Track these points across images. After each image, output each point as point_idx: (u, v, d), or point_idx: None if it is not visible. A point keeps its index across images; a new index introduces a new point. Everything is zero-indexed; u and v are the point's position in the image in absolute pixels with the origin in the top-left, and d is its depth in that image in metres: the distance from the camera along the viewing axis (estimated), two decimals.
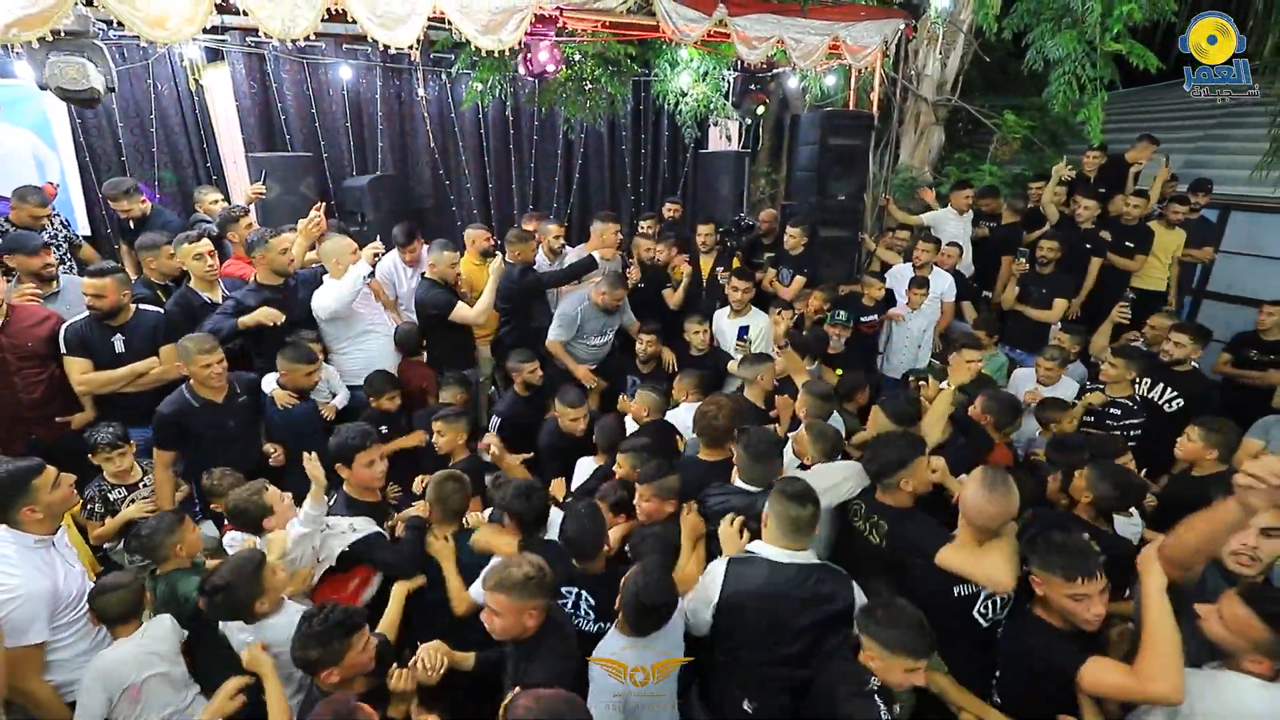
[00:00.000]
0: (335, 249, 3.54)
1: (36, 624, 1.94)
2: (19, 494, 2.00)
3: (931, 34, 5.91)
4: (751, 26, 4.57)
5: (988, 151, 6.47)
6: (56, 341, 3.12)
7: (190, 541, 2.31)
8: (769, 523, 2.06)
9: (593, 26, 4.43)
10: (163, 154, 5.27)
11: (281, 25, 3.40)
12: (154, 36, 3.27)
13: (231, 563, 1.98)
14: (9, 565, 1.96)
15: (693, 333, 4.04)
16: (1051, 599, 1.87)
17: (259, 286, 3.48)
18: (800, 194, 5.55)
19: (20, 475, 2.02)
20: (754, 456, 2.38)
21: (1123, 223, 5.07)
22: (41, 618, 1.95)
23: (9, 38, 2.98)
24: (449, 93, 6.00)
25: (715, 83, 6.14)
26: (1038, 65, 4.90)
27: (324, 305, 3.49)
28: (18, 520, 2.02)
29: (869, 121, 5.41)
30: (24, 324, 3.08)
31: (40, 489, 2.03)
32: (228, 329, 3.25)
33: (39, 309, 3.23)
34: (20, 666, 1.92)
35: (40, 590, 1.96)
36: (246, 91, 5.34)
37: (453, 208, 6.29)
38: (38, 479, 2.03)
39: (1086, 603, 1.80)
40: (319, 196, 5.41)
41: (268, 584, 1.97)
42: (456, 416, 3.12)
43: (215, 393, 2.99)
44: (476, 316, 3.94)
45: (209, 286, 3.46)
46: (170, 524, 2.27)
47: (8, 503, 2.00)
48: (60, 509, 2.13)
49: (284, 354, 3.18)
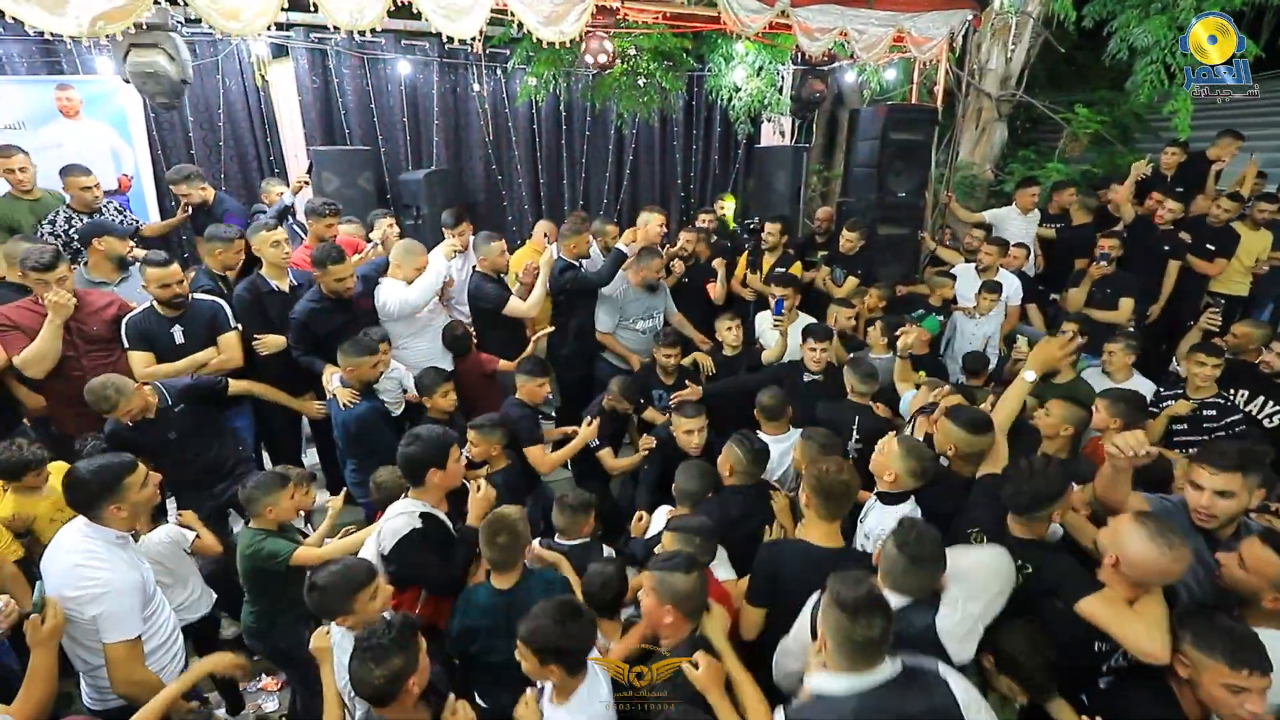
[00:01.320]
0: (405, 254, 3.54)
1: (133, 617, 1.96)
2: (110, 491, 1.97)
3: (997, 25, 5.69)
4: (814, 18, 4.46)
5: (1053, 149, 6.20)
6: (120, 326, 3.18)
7: (284, 508, 2.43)
8: (825, 641, 1.55)
9: (653, 18, 4.37)
10: (229, 148, 5.44)
11: (349, 17, 3.44)
12: (228, 29, 3.33)
13: (341, 568, 1.90)
14: (98, 560, 1.95)
15: (725, 329, 3.93)
16: (1201, 684, 1.61)
17: (322, 299, 3.42)
18: (857, 191, 5.40)
19: (114, 472, 1.99)
20: (914, 559, 1.74)
21: (1209, 224, 4.76)
22: (136, 610, 1.97)
23: (95, 30, 3.08)
24: (503, 88, 6.04)
25: (770, 77, 6.03)
26: (1122, 54, 4.64)
27: (404, 299, 3.47)
28: (103, 516, 1.98)
29: (933, 116, 5.22)
30: (90, 309, 3.13)
31: (130, 487, 2.01)
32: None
33: (103, 294, 3.28)
34: (126, 660, 1.94)
35: (131, 583, 1.97)
36: (309, 87, 5.47)
37: (504, 202, 6.33)
38: (130, 477, 2.01)
39: (1244, 697, 1.55)
40: (376, 189, 5.53)
41: (360, 606, 1.86)
42: (492, 427, 2.95)
43: (144, 413, 2.82)
44: (528, 310, 3.92)
45: (279, 275, 3.50)
46: (269, 484, 2.40)
47: (98, 499, 1.97)
48: (145, 508, 2.10)
49: (345, 350, 3.08)
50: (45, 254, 2.96)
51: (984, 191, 6.36)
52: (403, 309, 3.50)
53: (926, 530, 1.82)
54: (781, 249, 4.76)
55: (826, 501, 2.05)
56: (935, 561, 1.76)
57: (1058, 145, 6.19)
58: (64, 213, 3.91)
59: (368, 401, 3.15)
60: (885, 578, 1.79)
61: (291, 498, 2.49)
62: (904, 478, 2.26)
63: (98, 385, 2.63)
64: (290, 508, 2.47)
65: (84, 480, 1.96)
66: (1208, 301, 4.86)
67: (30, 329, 2.97)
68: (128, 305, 3.28)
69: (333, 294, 3.38)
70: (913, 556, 1.74)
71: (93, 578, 1.91)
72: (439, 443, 2.29)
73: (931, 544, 1.78)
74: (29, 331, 2.97)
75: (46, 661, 1.80)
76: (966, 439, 2.32)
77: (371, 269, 3.68)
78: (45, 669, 1.80)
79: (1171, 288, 4.83)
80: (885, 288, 4.55)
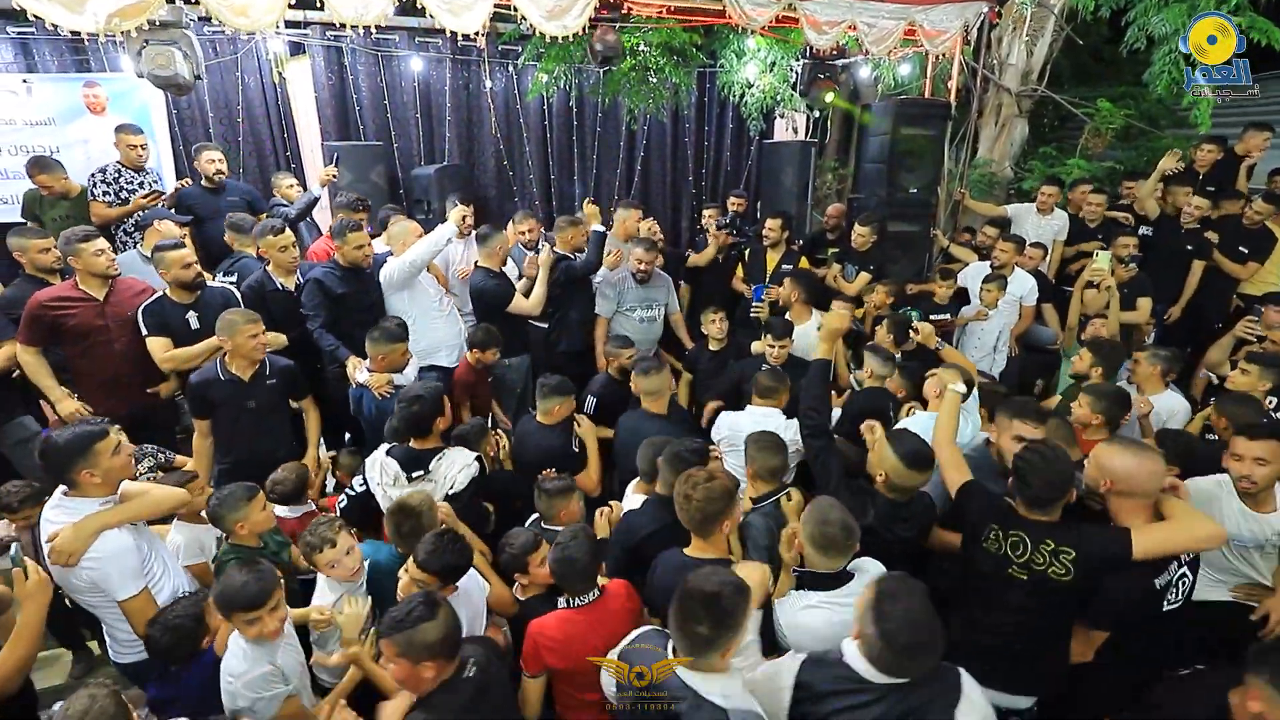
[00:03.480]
0: (401, 232, 3.66)
1: (134, 576, 2.04)
2: (79, 457, 2.01)
3: (1018, 18, 5.56)
4: (822, 10, 4.41)
5: (1076, 146, 6.04)
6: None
7: (255, 521, 2.38)
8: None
9: (658, 12, 4.38)
10: (247, 143, 5.56)
11: (355, 12, 3.51)
12: (237, 24, 3.44)
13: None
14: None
15: (709, 322, 3.94)
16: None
17: (339, 268, 3.53)
18: (868, 187, 5.33)
19: (83, 438, 2.02)
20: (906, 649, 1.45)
21: (1245, 225, 4.57)
22: (134, 569, 2.04)
23: (110, 26, 3.19)
24: (514, 84, 6.08)
25: (782, 73, 5.98)
26: (1139, 43, 4.50)
27: (406, 259, 3.56)
28: (76, 482, 2.02)
29: (944, 110, 5.13)
30: (125, 294, 3.28)
31: (101, 453, 2.02)
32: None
33: (137, 280, 3.42)
34: (142, 610, 2.04)
35: (121, 547, 2.02)
36: (325, 83, 5.57)
37: (515, 198, 6.38)
38: (100, 443, 2.03)
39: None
40: (389, 184, 5.62)
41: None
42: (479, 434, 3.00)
43: (245, 369, 3.00)
44: (532, 308, 3.98)
45: (286, 275, 3.58)
46: (235, 499, 2.34)
47: (68, 464, 2.01)
48: (118, 475, 2.12)
49: (373, 338, 3.12)
50: (83, 228, 3.16)
51: (1003, 189, 6.22)
52: (408, 269, 3.56)
53: (913, 587, 1.52)
54: (785, 245, 4.71)
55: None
56: (932, 645, 1.46)
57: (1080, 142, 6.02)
58: (114, 166, 4.32)
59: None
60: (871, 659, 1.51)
61: (263, 509, 2.42)
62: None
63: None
64: (263, 519, 2.41)
65: (56, 446, 2.00)
66: (1238, 305, 4.68)
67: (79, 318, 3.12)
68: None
69: (350, 264, 3.50)
70: (904, 646, 1.45)
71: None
72: (439, 395, 2.65)
73: (928, 618, 1.47)
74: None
75: (34, 619, 1.83)
76: (900, 470, 2.14)
77: (382, 259, 3.77)
78: (31, 626, 1.83)
79: (1195, 288, 4.68)
80: (893, 284, 4.49)
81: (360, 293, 3.57)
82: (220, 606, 1.86)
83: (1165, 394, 3.35)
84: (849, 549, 1.88)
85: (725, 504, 2.01)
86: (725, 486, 2.02)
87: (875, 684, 1.49)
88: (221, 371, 2.96)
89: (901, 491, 2.20)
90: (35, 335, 3.09)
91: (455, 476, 2.54)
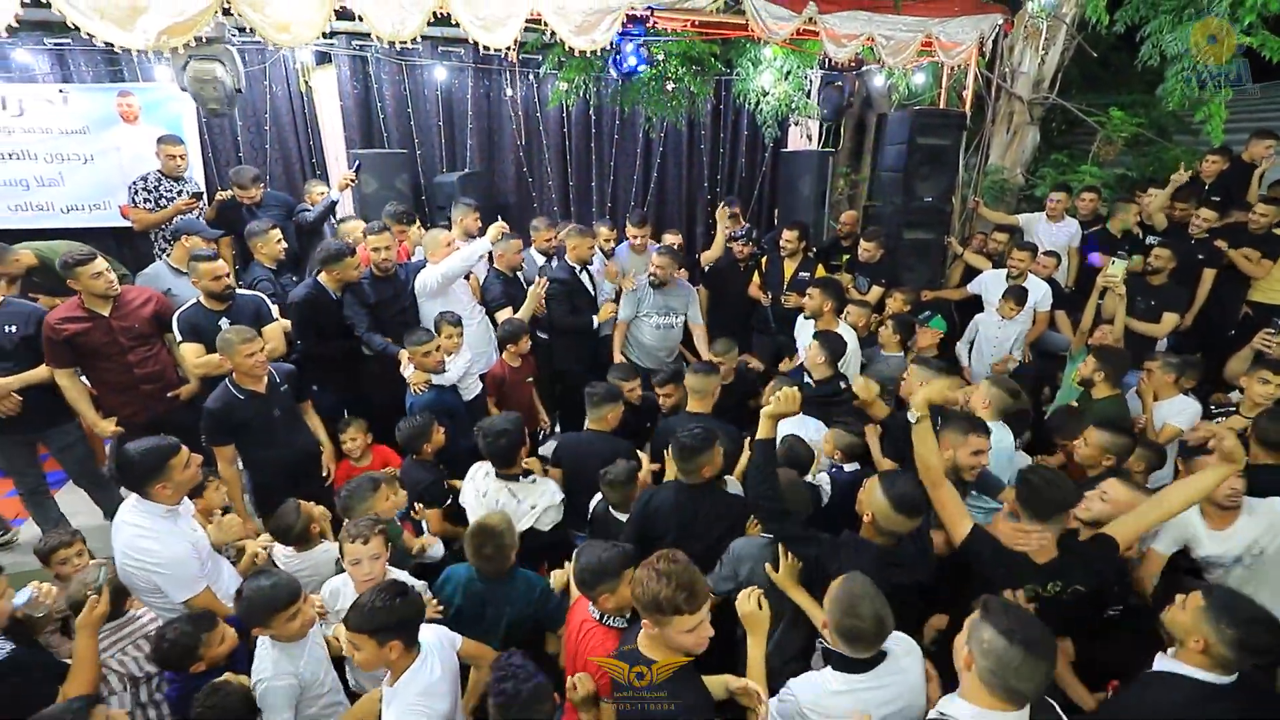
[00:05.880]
0: (432, 241, 3.77)
1: (192, 580, 2.19)
2: (157, 472, 2.17)
3: (1030, 29, 5.65)
4: (841, 24, 4.51)
5: (1087, 152, 6.12)
6: (160, 320, 3.41)
7: (383, 505, 2.55)
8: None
9: (682, 26, 4.48)
10: (274, 150, 5.69)
11: (392, 28, 3.62)
12: (279, 40, 3.54)
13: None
14: (147, 537, 2.16)
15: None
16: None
17: (373, 278, 3.74)
18: (884, 195, 5.42)
19: (159, 454, 2.18)
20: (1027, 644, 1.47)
21: (1251, 230, 4.62)
22: (191, 572, 2.19)
23: (159, 44, 3.30)
24: (535, 93, 6.19)
25: (797, 81, 6.08)
26: (1153, 60, 4.59)
27: (440, 272, 3.69)
28: (150, 493, 2.18)
29: (961, 120, 5.23)
30: (130, 306, 3.36)
31: (175, 468, 2.20)
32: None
33: (141, 290, 3.51)
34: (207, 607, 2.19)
35: (181, 552, 2.19)
36: (350, 92, 5.69)
37: (535, 204, 6.49)
38: (174, 459, 2.20)
39: None
40: (412, 191, 5.74)
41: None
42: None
43: (257, 383, 3.03)
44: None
45: (338, 286, 3.68)
46: (365, 488, 2.54)
47: (145, 479, 2.17)
48: (188, 486, 2.30)
49: (407, 339, 3.35)
50: (82, 250, 3.19)
51: (1014, 196, 6.31)
52: (442, 279, 3.69)
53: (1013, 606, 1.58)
54: (802, 254, 4.81)
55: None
56: (1050, 647, 1.49)
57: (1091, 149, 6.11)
58: (154, 175, 4.47)
59: (435, 390, 3.37)
60: (990, 686, 1.49)
61: (387, 499, 2.58)
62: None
63: None
64: (389, 507, 2.58)
65: (133, 461, 2.16)
66: (1247, 314, 4.74)
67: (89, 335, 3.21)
68: (164, 300, 3.50)
69: (378, 268, 3.70)
70: (1026, 642, 1.46)
71: (148, 549, 2.13)
72: (521, 426, 2.75)
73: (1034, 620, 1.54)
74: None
75: (90, 644, 1.95)
76: (889, 514, 2.01)
77: (421, 266, 3.91)
78: (90, 651, 1.94)
79: (1206, 296, 4.74)
80: (909, 292, 4.58)
81: (391, 299, 3.74)
82: (256, 611, 1.94)
83: (1178, 398, 3.44)
84: (880, 640, 1.73)
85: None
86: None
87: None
88: (238, 391, 2.97)
89: (889, 536, 2.07)
90: (59, 356, 3.19)
91: (541, 512, 2.67)
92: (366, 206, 5.22)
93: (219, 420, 2.93)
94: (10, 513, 3.93)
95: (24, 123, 4.92)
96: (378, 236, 3.75)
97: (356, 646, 1.76)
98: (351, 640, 1.76)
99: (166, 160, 4.43)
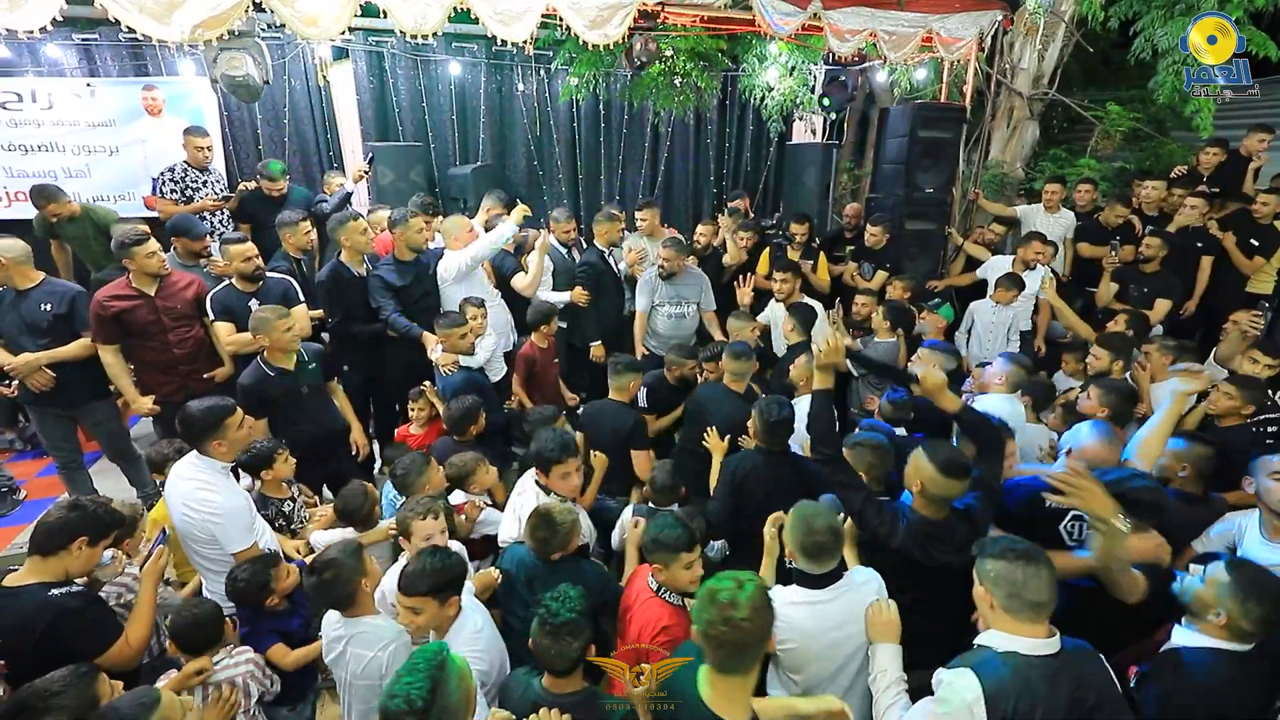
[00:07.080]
0: (454, 227, 3.91)
1: (246, 531, 2.33)
2: (214, 429, 2.34)
3: (1029, 25, 5.79)
4: (845, 19, 4.66)
5: (1086, 147, 6.26)
6: (201, 303, 3.56)
7: (436, 481, 2.72)
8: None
9: (691, 21, 4.62)
10: (292, 142, 5.85)
11: (414, 22, 3.77)
12: (307, 34, 3.70)
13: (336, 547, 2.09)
14: (208, 489, 2.31)
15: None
16: None
17: (397, 262, 3.85)
18: (886, 187, 5.57)
19: (218, 413, 2.34)
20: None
21: (1255, 221, 4.73)
22: (246, 524, 2.35)
23: (194, 37, 3.46)
24: (546, 88, 6.35)
25: (802, 77, 6.22)
26: (1145, 54, 4.73)
27: (465, 256, 3.81)
28: (208, 449, 2.35)
29: (960, 114, 5.37)
30: (175, 287, 3.52)
31: (230, 427, 2.37)
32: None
33: (184, 274, 3.66)
34: None
35: (239, 504, 2.35)
36: (366, 86, 5.86)
37: (545, 196, 6.65)
38: (230, 418, 2.36)
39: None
40: (426, 183, 5.89)
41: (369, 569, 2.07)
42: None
43: (288, 360, 3.14)
44: (525, 287, 4.22)
45: (359, 261, 3.84)
46: (420, 465, 2.69)
47: (204, 434, 2.33)
48: (240, 445, 2.47)
49: (438, 322, 3.49)
50: (137, 231, 3.34)
51: (1013, 189, 6.44)
52: (469, 263, 3.82)
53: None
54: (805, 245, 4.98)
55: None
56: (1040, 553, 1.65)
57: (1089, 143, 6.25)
58: (180, 166, 4.61)
59: (465, 371, 3.49)
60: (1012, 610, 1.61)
61: (439, 474, 2.76)
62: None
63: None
64: (439, 481, 2.76)
65: (194, 417, 2.32)
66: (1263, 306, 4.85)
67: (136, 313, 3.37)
68: (204, 285, 3.65)
69: (412, 247, 3.83)
70: (1022, 556, 1.62)
71: (209, 500, 2.28)
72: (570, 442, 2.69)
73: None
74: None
75: (150, 592, 2.14)
76: (937, 479, 2.03)
77: (434, 257, 4.03)
78: (150, 597, 2.14)
79: (1206, 283, 4.85)
80: (909, 280, 4.72)
81: (414, 284, 3.86)
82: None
83: (1173, 379, 3.57)
84: (838, 549, 1.90)
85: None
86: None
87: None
88: (269, 368, 3.09)
89: (939, 505, 2.08)
90: (106, 332, 3.34)
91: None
92: (383, 198, 5.37)
93: (252, 394, 3.05)
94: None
95: (53, 115, 5.10)
96: (417, 219, 3.86)
97: (416, 611, 1.82)
98: (412, 606, 1.83)
99: (194, 151, 4.58)
